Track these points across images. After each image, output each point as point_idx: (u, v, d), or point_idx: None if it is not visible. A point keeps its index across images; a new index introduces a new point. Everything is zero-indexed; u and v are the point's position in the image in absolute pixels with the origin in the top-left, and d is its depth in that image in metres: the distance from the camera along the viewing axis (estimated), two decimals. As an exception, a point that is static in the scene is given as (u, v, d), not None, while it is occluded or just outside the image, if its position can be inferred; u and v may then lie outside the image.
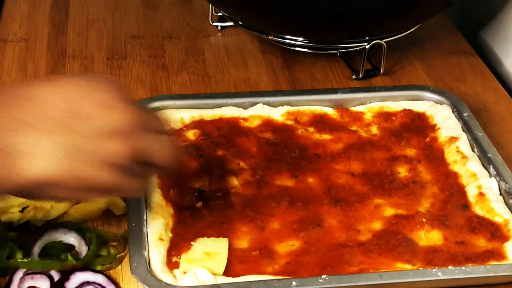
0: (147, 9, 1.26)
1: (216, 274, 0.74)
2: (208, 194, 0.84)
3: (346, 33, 1.06)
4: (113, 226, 0.83)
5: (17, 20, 1.22)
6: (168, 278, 0.73)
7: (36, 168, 0.62)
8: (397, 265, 0.77)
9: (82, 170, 0.63)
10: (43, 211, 0.82)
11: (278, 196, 0.85)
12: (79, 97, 0.65)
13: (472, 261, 0.77)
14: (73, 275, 0.75)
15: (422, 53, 1.18)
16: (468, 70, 1.15)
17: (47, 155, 0.62)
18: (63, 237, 0.79)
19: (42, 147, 0.62)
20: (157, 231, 0.77)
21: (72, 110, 0.64)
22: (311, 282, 0.73)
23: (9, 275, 0.76)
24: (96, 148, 0.64)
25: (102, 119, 0.65)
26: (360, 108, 0.99)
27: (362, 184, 0.87)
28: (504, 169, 0.87)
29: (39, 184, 0.63)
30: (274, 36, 1.09)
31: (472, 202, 0.85)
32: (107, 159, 0.64)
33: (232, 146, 0.91)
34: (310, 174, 0.88)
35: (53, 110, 0.64)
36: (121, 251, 0.80)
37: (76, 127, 0.64)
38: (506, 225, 0.81)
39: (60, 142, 0.63)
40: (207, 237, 0.79)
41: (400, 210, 0.84)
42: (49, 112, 0.64)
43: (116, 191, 0.70)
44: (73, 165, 0.63)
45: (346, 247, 0.78)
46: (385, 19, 1.03)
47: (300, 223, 0.81)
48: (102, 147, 0.64)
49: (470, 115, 0.96)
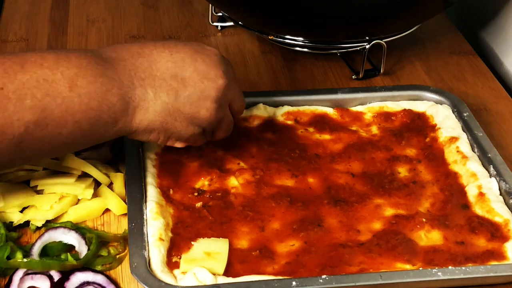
0: (147, 9, 1.26)
1: (216, 274, 0.74)
2: (208, 194, 0.84)
3: (346, 33, 1.06)
4: (113, 226, 0.84)
5: (17, 20, 1.22)
6: (168, 278, 0.73)
7: (145, 120, 0.76)
8: (397, 265, 0.77)
9: (173, 124, 0.78)
10: (43, 211, 0.82)
11: (278, 196, 0.85)
12: (186, 65, 0.78)
13: (472, 261, 0.77)
14: (73, 275, 0.75)
15: (422, 53, 1.18)
16: (468, 70, 1.15)
17: (154, 111, 0.76)
18: (63, 237, 0.79)
19: (153, 103, 0.76)
20: (157, 231, 0.77)
21: (178, 74, 0.77)
22: (311, 282, 0.73)
23: (9, 275, 0.76)
24: (191, 111, 0.78)
25: (200, 87, 0.78)
26: (360, 108, 0.99)
27: (362, 184, 0.87)
28: (504, 169, 0.87)
29: (142, 131, 0.77)
30: (274, 36, 1.09)
31: (472, 202, 0.85)
32: (194, 121, 0.79)
33: (232, 146, 0.91)
34: (310, 174, 0.88)
35: (164, 72, 0.77)
36: (121, 251, 0.80)
37: (180, 91, 0.77)
38: (506, 225, 0.81)
39: (165, 101, 0.77)
40: (207, 237, 0.79)
41: (400, 210, 0.84)
42: (160, 73, 0.77)
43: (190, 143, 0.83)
44: (167, 120, 0.77)
45: (346, 247, 0.78)
46: (385, 19, 1.03)
47: (300, 223, 0.81)
48: (195, 111, 0.78)
49: (470, 115, 0.96)
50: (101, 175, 0.87)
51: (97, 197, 0.86)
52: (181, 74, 0.78)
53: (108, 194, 0.85)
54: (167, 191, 0.84)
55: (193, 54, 0.79)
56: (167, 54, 0.78)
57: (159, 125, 0.77)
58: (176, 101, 0.77)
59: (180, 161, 0.88)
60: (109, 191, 0.86)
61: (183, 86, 0.77)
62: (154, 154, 0.88)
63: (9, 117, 0.68)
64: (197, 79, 0.78)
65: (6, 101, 0.68)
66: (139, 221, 0.78)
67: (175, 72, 0.77)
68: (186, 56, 0.79)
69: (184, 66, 0.78)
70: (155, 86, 0.76)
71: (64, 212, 0.83)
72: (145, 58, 0.77)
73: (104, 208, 0.85)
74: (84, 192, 0.85)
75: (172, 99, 0.77)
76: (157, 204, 0.80)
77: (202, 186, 0.86)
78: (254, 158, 0.90)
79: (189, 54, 0.79)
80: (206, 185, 0.86)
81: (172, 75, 0.77)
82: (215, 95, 0.79)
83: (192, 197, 0.84)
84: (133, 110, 0.75)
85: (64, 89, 0.71)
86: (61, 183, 0.85)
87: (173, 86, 0.77)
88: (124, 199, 0.85)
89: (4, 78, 0.69)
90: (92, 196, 0.85)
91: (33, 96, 0.69)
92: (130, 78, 0.75)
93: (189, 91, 0.78)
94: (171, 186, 0.85)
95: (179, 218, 0.81)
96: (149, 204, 0.81)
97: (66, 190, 0.84)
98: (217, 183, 0.86)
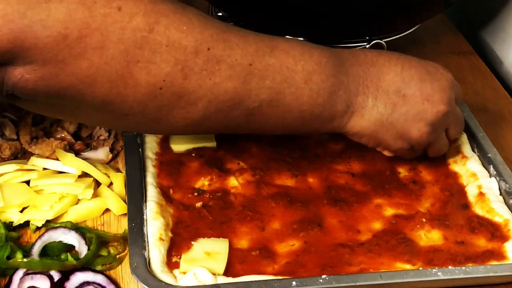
0: (147, 9, 1.26)
1: (216, 274, 0.74)
2: (208, 194, 0.84)
3: (346, 33, 1.06)
4: (113, 226, 0.84)
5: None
6: (168, 278, 0.73)
7: (358, 125, 0.80)
8: (397, 265, 0.77)
9: (383, 135, 0.81)
10: (43, 211, 0.82)
11: (278, 196, 0.85)
12: (413, 83, 0.80)
13: (472, 261, 0.77)
14: (73, 275, 0.75)
15: (422, 53, 1.17)
16: (468, 70, 1.15)
17: (369, 119, 0.80)
18: (63, 237, 0.79)
19: (369, 112, 0.79)
20: (157, 231, 0.77)
21: (401, 90, 0.80)
22: (311, 282, 0.73)
23: (9, 275, 0.76)
24: (403, 128, 0.81)
25: (418, 107, 0.80)
26: (360, 108, 0.99)
27: (362, 184, 0.87)
28: (504, 169, 0.87)
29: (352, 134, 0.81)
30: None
31: (472, 202, 0.85)
32: (404, 137, 0.81)
33: (232, 146, 0.91)
34: (310, 174, 0.88)
35: (389, 85, 0.80)
36: (121, 251, 0.80)
37: (397, 106, 0.80)
38: (506, 225, 0.81)
39: (381, 112, 0.79)
40: (207, 237, 0.79)
41: (400, 210, 0.84)
42: (385, 85, 0.79)
43: (397, 154, 0.86)
44: (378, 130, 0.80)
45: (346, 247, 0.78)
46: (385, 19, 1.03)
47: (300, 223, 0.81)
48: (407, 129, 0.81)
49: (470, 115, 0.96)
50: (101, 175, 0.87)
51: (97, 197, 0.86)
52: (404, 90, 0.80)
53: (108, 194, 0.85)
54: (167, 191, 0.84)
55: (424, 75, 0.81)
56: (399, 69, 0.80)
57: (369, 133, 0.81)
58: (392, 115, 0.80)
59: (180, 161, 0.88)
60: (109, 191, 0.86)
61: (403, 102, 0.80)
62: (154, 154, 0.88)
63: (249, 90, 0.74)
64: (419, 99, 0.80)
65: (250, 76, 0.73)
66: (139, 221, 0.78)
67: (399, 87, 0.80)
68: (415, 74, 0.81)
69: (410, 84, 0.80)
70: (376, 96, 0.79)
71: (64, 212, 0.83)
72: (376, 68, 0.80)
73: (104, 208, 0.85)
74: (84, 192, 0.85)
75: (388, 112, 0.80)
76: (157, 204, 0.80)
77: (202, 186, 0.86)
78: (254, 158, 0.90)
79: (419, 74, 0.81)
80: (206, 185, 0.86)
81: (395, 90, 0.80)
82: (431, 119, 0.81)
83: (192, 197, 0.84)
84: (351, 114, 0.79)
85: (300, 80, 0.76)
86: (61, 183, 0.85)
87: (393, 100, 0.79)
88: (124, 199, 0.85)
89: (254, 56, 0.73)
90: (92, 196, 0.85)
91: (273, 79, 0.74)
92: (357, 84, 0.79)
93: (406, 108, 0.80)
94: (171, 186, 0.85)
95: (179, 218, 0.81)
96: (149, 204, 0.81)
97: (66, 190, 0.84)
98: (217, 183, 0.86)
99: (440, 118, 0.81)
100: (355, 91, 0.79)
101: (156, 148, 0.89)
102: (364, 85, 0.79)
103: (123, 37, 0.66)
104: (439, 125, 0.82)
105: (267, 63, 0.74)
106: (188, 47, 0.70)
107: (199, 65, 0.70)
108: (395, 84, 0.80)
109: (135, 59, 0.67)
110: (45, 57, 0.64)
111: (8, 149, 0.90)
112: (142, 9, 0.67)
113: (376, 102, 0.79)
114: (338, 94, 0.78)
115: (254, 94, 0.74)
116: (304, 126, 0.80)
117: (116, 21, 0.65)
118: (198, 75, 0.70)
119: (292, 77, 0.76)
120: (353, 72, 0.79)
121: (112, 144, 0.93)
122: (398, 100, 0.80)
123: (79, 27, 0.64)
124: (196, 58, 0.70)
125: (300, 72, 0.76)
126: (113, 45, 0.66)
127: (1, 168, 0.87)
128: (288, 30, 1.08)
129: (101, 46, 0.65)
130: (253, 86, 0.74)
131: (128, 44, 0.66)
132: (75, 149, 0.92)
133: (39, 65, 0.64)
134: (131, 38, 0.66)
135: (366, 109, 0.79)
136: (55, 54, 0.64)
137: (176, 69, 0.69)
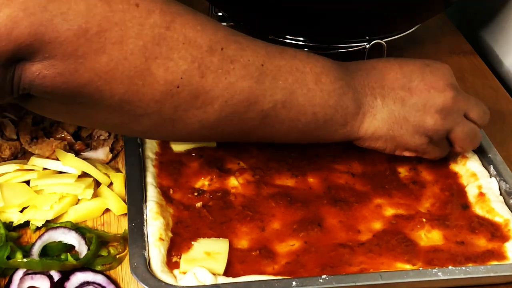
0: (147, 9, 1.26)
1: (216, 274, 0.74)
2: (208, 194, 0.84)
3: (346, 33, 1.06)
4: (113, 226, 0.84)
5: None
6: (168, 278, 0.73)
7: (372, 126, 0.81)
8: (397, 265, 0.77)
9: (399, 132, 0.82)
10: (43, 211, 0.82)
11: (278, 196, 0.85)
12: (414, 75, 0.82)
13: (473, 261, 0.77)
14: (73, 275, 0.75)
15: (422, 53, 1.18)
16: (468, 70, 1.15)
17: (381, 118, 0.81)
18: (63, 237, 0.79)
19: (380, 110, 0.81)
20: (157, 231, 0.77)
21: (406, 84, 0.81)
22: (311, 282, 0.73)
23: (9, 275, 0.76)
24: (416, 119, 0.81)
25: (426, 95, 0.81)
26: (360, 108, 0.99)
27: (362, 184, 0.87)
28: (504, 169, 0.87)
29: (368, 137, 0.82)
30: (274, 36, 1.09)
31: (472, 202, 0.85)
32: (419, 129, 0.82)
33: (232, 146, 0.91)
34: (310, 174, 0.88)
35: (393, 83, 0.81)
36: (121, 251, 0.80)
37: (406, 99, 0.81)
38: (506, 225, 0.81)
39: (392, 109, 0.81)
40: (207, 237, 0.79)
41: (400, 210, 0.84)
42: (389, 83, 0.81)
43: (419, 153, 0.85)
44: (393, 128, 0.81)
45: (346, 247, 0.78)
46: (385, 19, 1.03)
47: (300, 223, 0.81)
48: (420, 120, 0.81)
49: (470, 115, 0.95)
50: (101, 175, 0.87)
51: (97, 197, 0.86)
52: (409, 84, 0.81)
53: (108, 194, 0.85)
54: (167, 191, 0.84)
55: (422, 67, 0.83)
56: (397, 67, 0.82)
57: (385, 132, 0.81)
58: (403, 108, 0.81)
59: (180, 161, 0.88)
60: (109, 191, 0.86)
61: (410, 94, 0.81)
62: (154, 154, 0.88)
63: (264, 90, 0.74)
64: (424, 89, 0.81)
65: (263, 76, 0.74)
66: (139, 221, 0.78)
67: (403, 83, 0.81)
68: (415, 68, 0.83)
69: (412, 77, 0.82)
70: (383, 95, 0.81)
71: (64, 212, 0.83)
72: (377, 70, 0.82)
73: (104, 208, 0.85)
74: (84, 192, 0.85)
75: (399, 107, 0.81)
76: (157, 204, 0.80)
77: (202, 186, 0.86)
78: (254, 158, 0.90)
79: (418, 67, 0.83)
80: (206, 185, 0.86)
81: (400, 85, 0.81)
82: (441, 104, 0.81)
83: (192, 197, 0.84)
84: (363, 115, 0.80)
85: (310, 81, 0.77)
86: (61, 183, 0.85)
87: (400, 95, 0.81)
88: (124, 199, 0.85)
89: (265, 58, 0.74)
90: (92, 196, 0.85)
91: (285, 79, 0.75)
92: (363, 86, 0.81)
93: (415, 99, 0.81)
94: (171, 186, 0.85)
95: (179, 218, 0.81)
96: (149, 204, 0.80)
97: (66, 190, 0.84)
98: (217, 183, 0.86)
99: (449, 101, 0.82)
100: (363, 92, 0.80)
101: (156, 148, 0.89)
102: (370, 87, 0.81)
103: (142, 32, 0.66)
104: (451, 109, 0.82)
105: (278, 64, 0.75)
106: (203, 46, 0.70)
107: (215, 63, 0.70)
108: (398, 81, 0.81)
109: (153, 55, 0.67)
110: (65, 51, 0.63)
111: (8, 149, 0.90)
112: (158, 7, 0.67)
113: (385, 100, 0.81)
114: (347, 96, 0.79)
115: (269, 94, 0.74)
116: (319, 131, 0.80)
117: (134, 16, 0.65)
118: (214, 74, 0.70)
119: (303, 78, 0.76)
120: (357, 76, 0.81)
121: (112, 144, 0.93)
122: (405, 94, 0.81)
123: (99, 21, 0.64)
124: (212, 56, 0.70)
125: (309, 73, 0.77)
126: (132, 40, 0.65)
127: (1, 168, 0.87)
128: (288, 30, 1.08)
129: (121, 41, 0.65)
130: (267, 86, 0.74)
131: (146, 40, 0.66)
132: (75, 149, 0.92)
133: (59, 60, 0.63)
134: (149, 34, 0.66)
135: (377, 108, 0.80)
136: (75, 49, 0.63)
137: (193, 66, 0.69)
